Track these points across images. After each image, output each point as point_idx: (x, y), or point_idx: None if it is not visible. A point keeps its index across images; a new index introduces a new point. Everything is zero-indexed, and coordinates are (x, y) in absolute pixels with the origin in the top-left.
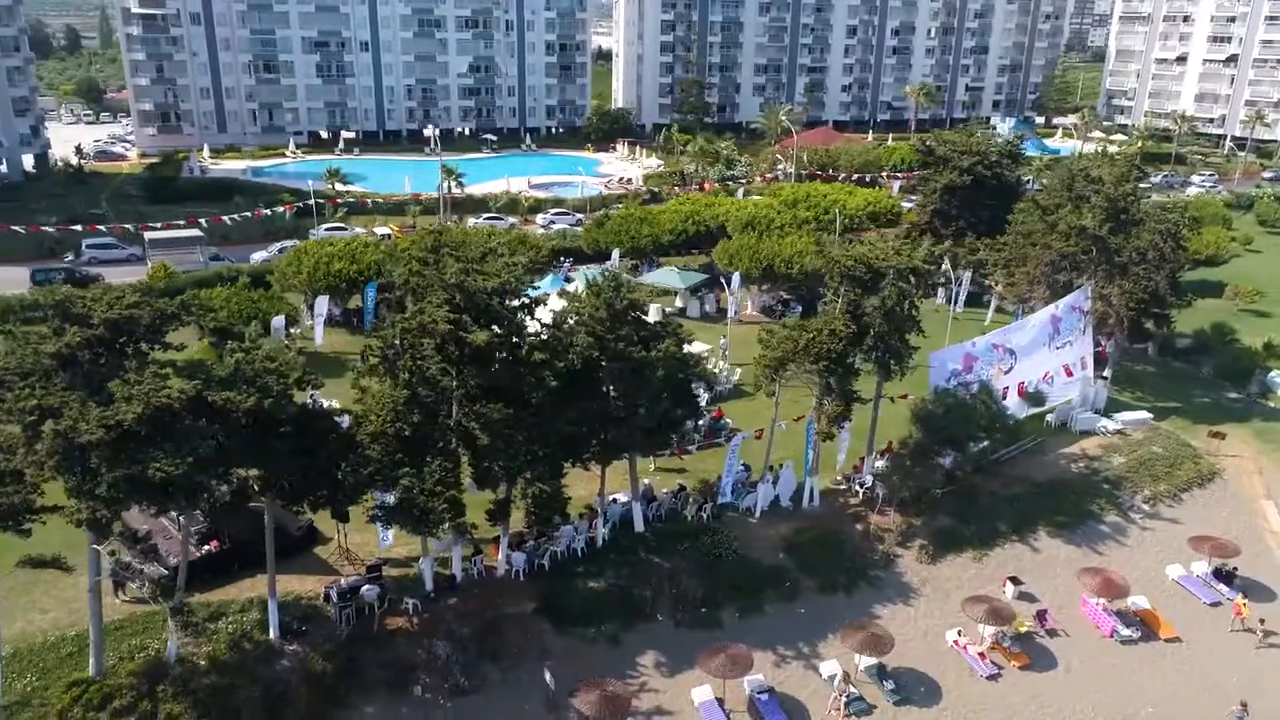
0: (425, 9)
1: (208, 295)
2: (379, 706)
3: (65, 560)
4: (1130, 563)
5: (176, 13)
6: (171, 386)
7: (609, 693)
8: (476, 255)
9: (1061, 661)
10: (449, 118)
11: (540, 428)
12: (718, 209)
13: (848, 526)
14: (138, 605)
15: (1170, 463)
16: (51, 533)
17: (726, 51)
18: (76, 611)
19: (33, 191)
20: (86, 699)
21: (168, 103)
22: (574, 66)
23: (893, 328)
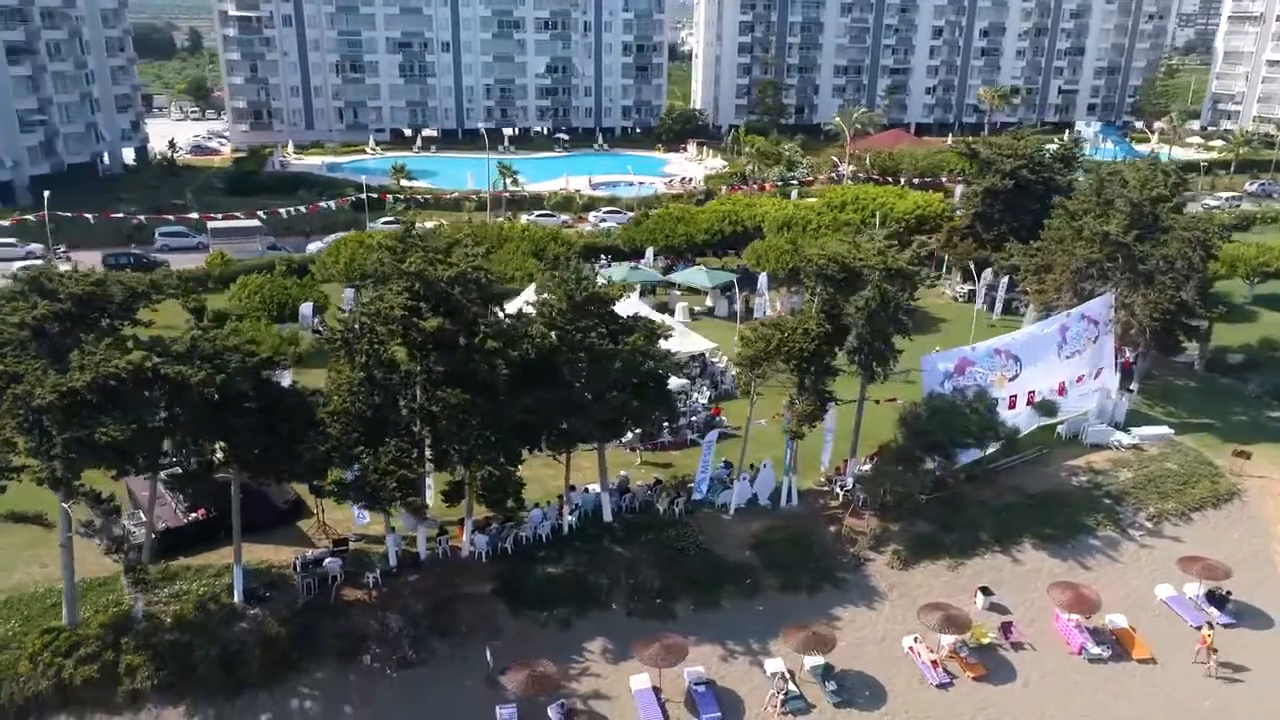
0: (505, 10)
1: (244, 280)
2: (328, 672)
3: (46, 517)
4: (1119, 580)
5: (270, 15)
6: (121, 358)
7: (538, 673)
8: (442, 246)
9: (1021, 675)
10: (526, 117)
11: (495, 413)
12: (757, 210)
13: (821, 528)
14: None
15: (1183, 480)
16: (47, 492)
17: (806, 53)
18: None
19: (128, 183)
20: (56, 645)
21: (260, 100)
22: (650, 67)
23: (875, 330)
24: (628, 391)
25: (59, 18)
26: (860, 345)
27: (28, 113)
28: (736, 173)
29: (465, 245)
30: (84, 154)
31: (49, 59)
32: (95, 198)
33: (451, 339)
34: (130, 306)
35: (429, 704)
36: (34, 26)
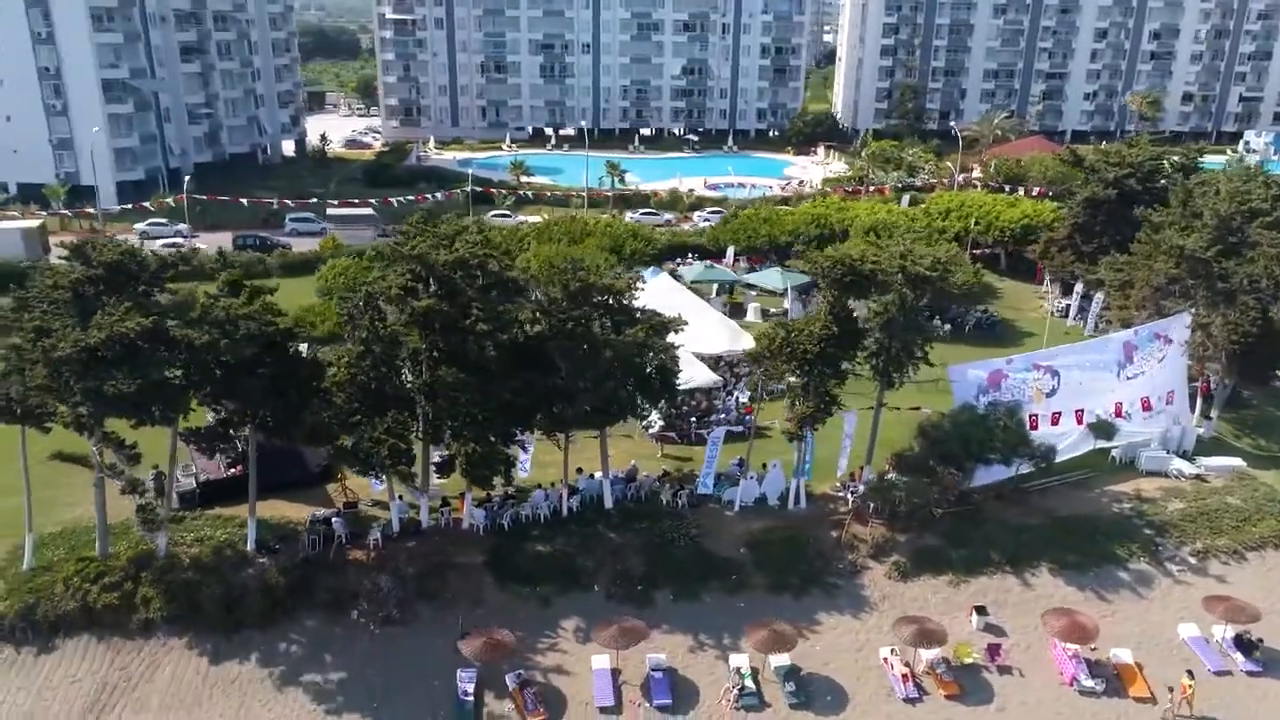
0: (644, 13)
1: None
2: (318, 621)
3: (89, 458)
4: (1140, 615)
5: (423, 18)
6: (133, 320)
7: (494, 640)
8: (449, 233)
9: (998, 700)
10: (660, 117)
11: (485, 393)
12: (848, 213)
13: (823, 532)
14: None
15: (1244, 517)
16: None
17: (953, 55)
18: (118, 502)
19: (281, 172)
20: (85, 572)
21: (410, 98)
22: (788, 70)
23: (893, 336)
24: (617, 380)
25: (229, 21)
26: (879, 350)
27: (196, 106)
28: (855, 176)
29: (469, 233)
30: (245, 145)
31: (218, 58)
32: (248, 185)
33: (447, 319)
34: (160, 276)
35: (401, 661)
36: (205, 29)
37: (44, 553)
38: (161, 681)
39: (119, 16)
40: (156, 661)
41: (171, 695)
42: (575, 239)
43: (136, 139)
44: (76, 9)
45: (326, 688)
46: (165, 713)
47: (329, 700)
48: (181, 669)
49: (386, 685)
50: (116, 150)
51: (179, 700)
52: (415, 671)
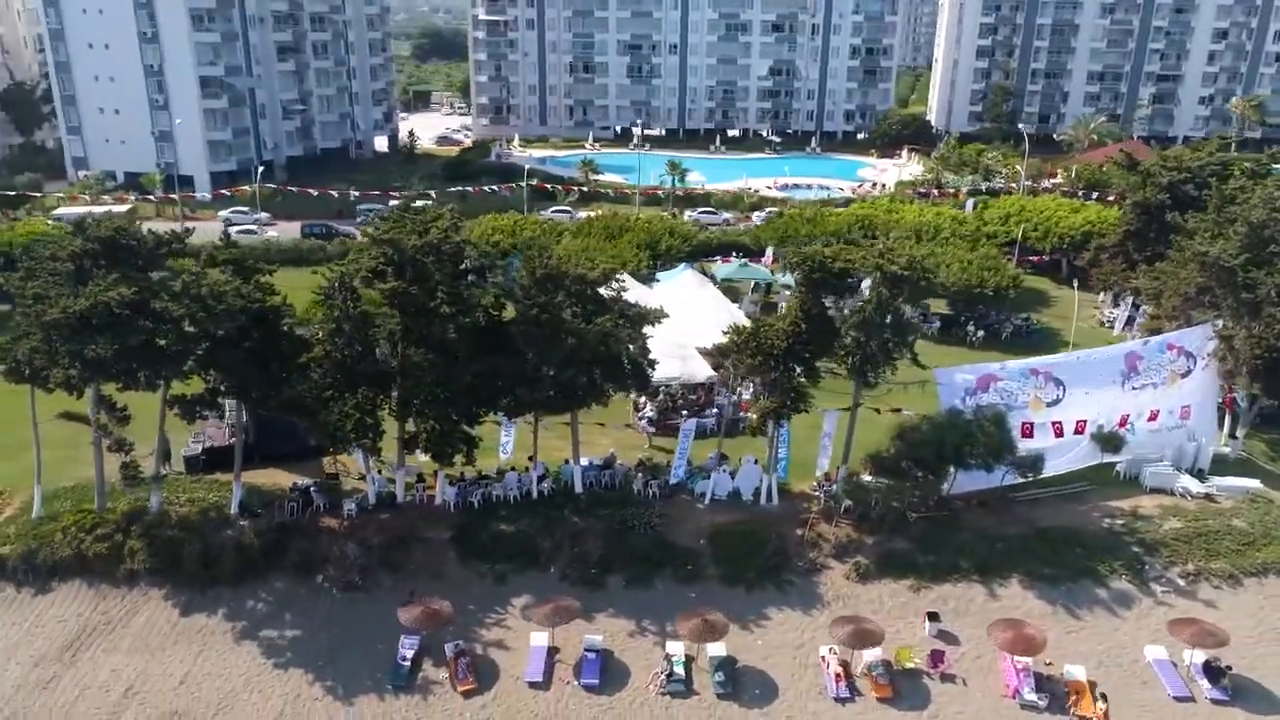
0: (732, 14)
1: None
2: (286, 583)
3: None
4: (1108, 634)
5: (515, 19)
6: (115, 291)
7: (431, 610)
8: (424, 221)
9: (933, 706)
10: (745, 118)
11: (449, 373)
12: (895, 215)
13: (790, 529)
14: (179, 475)
15: (1247, 540)
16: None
17: (1055, 57)
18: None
19: (369, 167)
20: (82, 523)
21: (501, 97)
22: (878, 71)
23: (869, 335)
24: (579, 367)
25: (326, 22)
26: (854, 349)
27: (290, 103)
28: (930, 179)
29: (444, 220)
30: (336, 140)
31: (313, 57)
32: (335, 178)
33: (414, 301)
34: (156, 253)
35: (355, 625)
36: (301, 29)
37: (52, 504)
38: (135, 626)
39: (218, 17)
40: (135, 608)
41: (140, 640)
42: (613, 235)
43: (230, 132)
44: (178, 10)
45: (280, 644)
46: (132, 655)
47: (279, 655)
48: (155, 617)
49: (336, 646)
50: (210, 142)
51: (146, 645)
52: (366, 635)
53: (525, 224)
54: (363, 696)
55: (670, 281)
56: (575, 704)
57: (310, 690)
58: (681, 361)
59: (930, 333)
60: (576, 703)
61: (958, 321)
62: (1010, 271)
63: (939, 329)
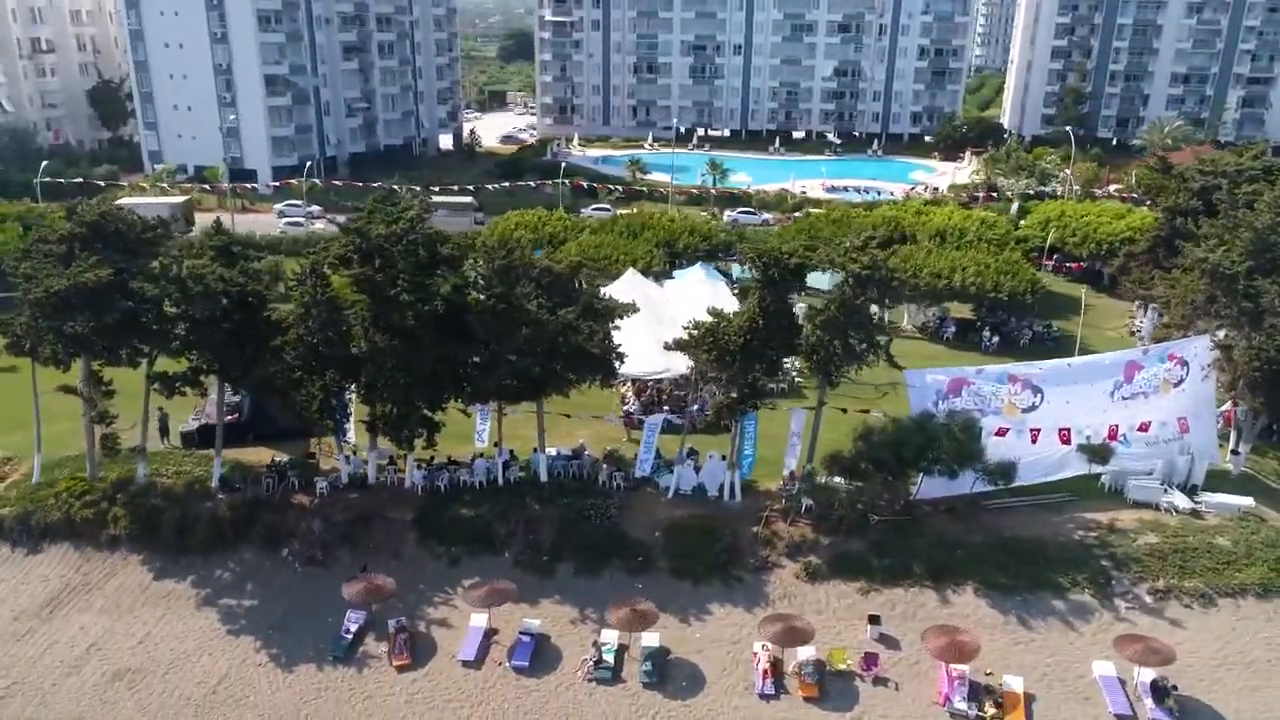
0: (798, 14)
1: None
2: (253, 554)
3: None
4: (1059, 647)
5: (580, 20)
6: (93, 272)
7: (373, 585)
8: (395, 210)
9: (858, 709)
10: (809, 119)
11: (410, 359)
12: (924, 218)
13: (745, 526)
14: (175, 449)
15: (1227, 559)
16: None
17: (1135, 58)
18: (128, 435)
19: (429, 164)
20: (73, 489)
21: (565, 97)
22: (947, 72)
23: (832, 334)
24: (535, 356)
25: (392, 23)
26: (817, 347)
27: (353, 101)
28: (983, 183)
29: (413, 210)
30: (399, 138)
31: (378, 57)
32: (395, 174)
33: (378, 288)
34: (142, 238)
35: (310, 597)
36: (367, 30)
37: (51, 472)
38: (110, 588)
39: (284, 18)
40: (113, 571)
41: (112, 601)
42: (634, 232)
43: (293, 129)
44: (245, 11)
45: (237, 611)
46: (102, 614)
47: (234, 622)
48: (128, 580)
49: (288, 616)
50: (274, 138)
51: (116, 605)
52: (318, 608)
53: (550, 220)
54: (303, 665)
55: (683, 279)
56: (502, 684)
57: (256, 656)
58: (667, 356)
59: (946, 337)
60: (504, 683)
61: (974, 326)
62: (1029, 276)
63: (955, 333)
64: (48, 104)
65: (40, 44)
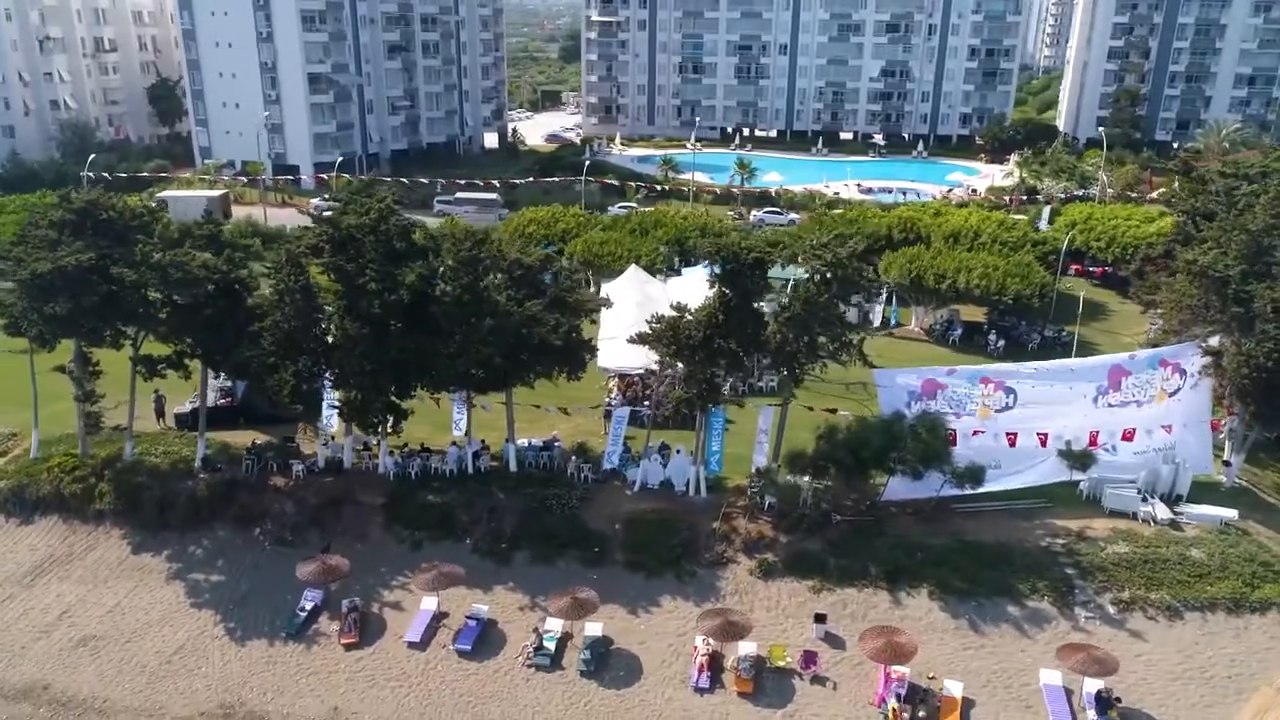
0: (844, 14)
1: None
2: (226, 531)
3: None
4: (1009, 653)
5: (626, 20)
6: (74, 257)
7: (327, 565)
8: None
9: (792, 706)
10: (855, 120)
11: (377, 347)
12: (941, 219)
13: (707, 521)
14: (168, 430)
15: (1200, 572)
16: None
17: (1197, 59)
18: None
19: (471, 161)
20: (64, 465)
21: (610, 97)
22: (998, 73)
23: (794, 332)
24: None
25: (437, 23)
26: (781, 345)
27: (396, 99)
28: (1018, 185)
29: (383, 202)
30: (442, 135)
31: (421, 56)
32: (436, 171)
33: (347, 277)
34: (131, 224)
35: (274, 575)
36: (411, 30)
37: (49, 447)
38: (90, 560)
39: (329, 18)
40: (94, 544)
41: (90, 572)
42: (646, 230)
43: (334, 126)
44: (290, 12)
45: (203, 586)
46: (79, 584)
47: (199, 596)
48: (107, 553)
49: (250, 592)
50: (316, 135)
51: (94, 576)
52: (279, 586)
53: (565, 216)
54: (256, 640)
55: (689, 276)
56: (443, 666)
57: (213, 629)
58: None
59: (953, 340)
60: (445, 665)
61: (981, 329)
62: (1037, 280)
63: (961, 336)
64: (110, 101)
65: (104, 43)
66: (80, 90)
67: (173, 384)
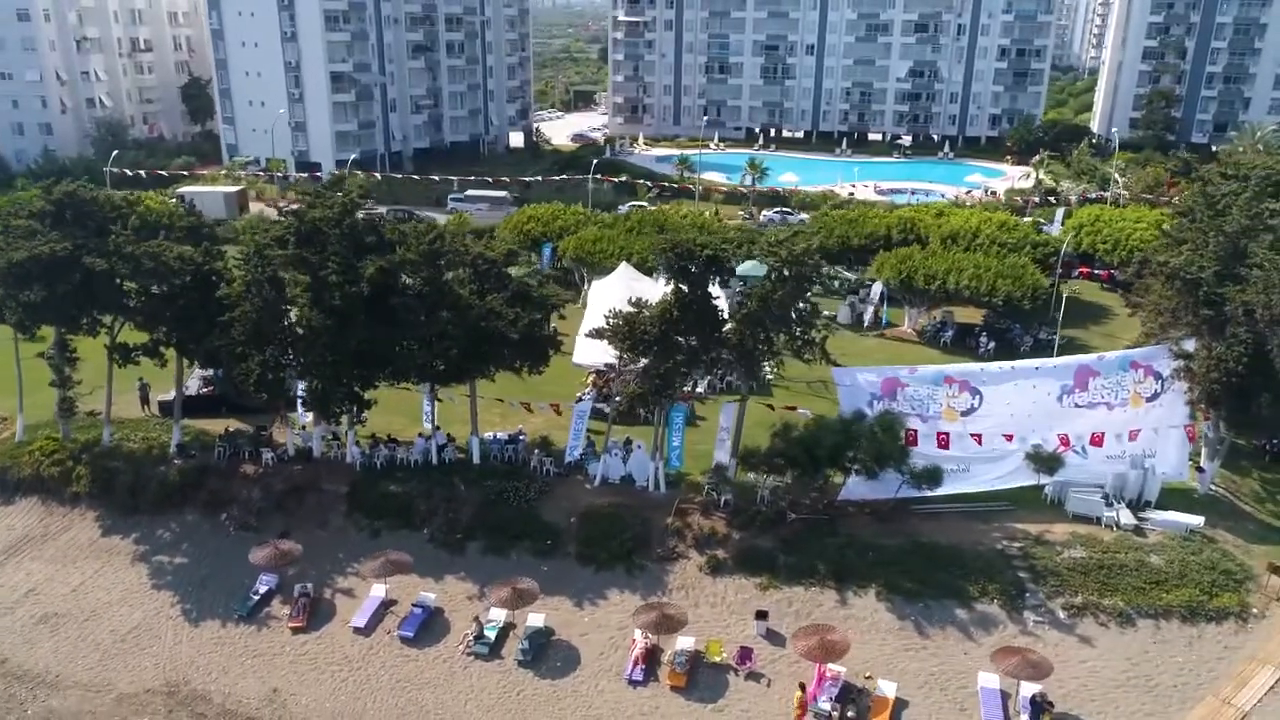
0: (872, 13)
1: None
2: (195, 516)
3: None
4: (950, 656)
5: (653, 20)
6: (48, 246)
7: (279, 550)
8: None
9: (722, 701)
10: (882, 121)
11: (338, 337)
12: (943, 220)
13: (661, 516)
14: (152, 417)
15: (1156, 579)
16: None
17: (1236, 59)
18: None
19: (493, 160)
20: (46, 448)
21: (636, 97)
22: (1029, 74)
23: (750, 329)
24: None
25: (461, 23)
26: (738, 341)
27: (419, 98)
28: (1037, 187)
29: (349, 196)
30: (466, 134)
31: (445, 56)
32: (458, 169)
33: (311, 269)
34: (108, 217)
35: (235, 559)
36: (435, 30)
37: (35, 431)
38: (63, 541)
39: (352, 18)
40: (69, 525)
41: (62, 552)
42: (641, 229)
43: (355, 124)
44: (313, 11)
45: (166, 568)
46: (50, 564)
47: (161, 577)
48: (80, 534)
49: (209, 576)
50: (337, 133)
51: (65, 556)
52: (239, 570)
53: (563, 214)
54: (209, 621)
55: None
56: (385, 651)
57: (170, 610)
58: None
59: (944, 341)
60: (387, 651)
61: (973, 331)
62: (1030, 281)
63: (953, 338)
64: (145, 99)
65: (139, 43)
66: (116, 89)
67: (160, 372)
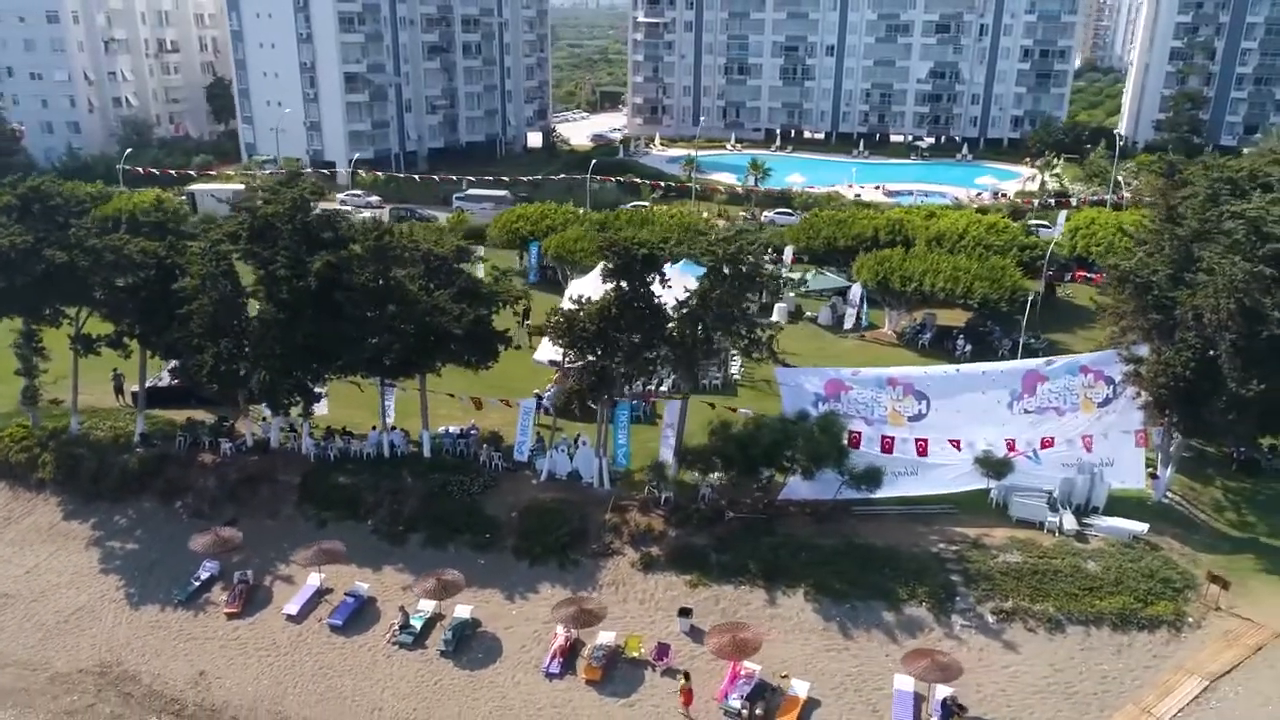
0: (893, 14)
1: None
2: (151, 503)
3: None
4: (870, 656)
5: (673, 21)
6: (9, 238)
7: (220, 537)
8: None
9: (635, 696)
10: (903, 123)
11: (288, 330)
12: (931, 221)
13: (601, 512)
14: (124, 407)
15: (1091, 586)
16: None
17: (1267, 60)
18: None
19: (508, 160)
20: (13, 434)
21: (656, 98)
22: (1052, 75)
23: (690, 328)
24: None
25: (479, 24)
26: (680, 340)
27: (434, 98)
28: (1041, 190)
29: (304, 190)
30: (482, 134)
31: (461, 57)
32: (472, 169)
33: (261, 262)
34: (71, 211)
35: (185, 547)
36: (450, 31)
37: (6, 420)
38: (24, 524)
39: (366, 19)
40: (31, 510)
41: (22, 535)
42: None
43: (369, 124)
44: (328, 13)
45: (118, 553)
46: (9, 546)
47: (111, 562)
48: (40, 518)
49: (157, 561)
50: (351, 133)
51: (23, 539)
52: (186, 556)
53: (552, 213)
54: (149, 605)
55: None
56: (313, 639)
57: (114, 593)
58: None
59: (922, 344)
60: (315, 639)
61: (950, 333)
62: (1009, 283)
63: (931, 340)
64: (170, 99)
65: (166, 44)
66: (142, 89)
67: (133, 364)
